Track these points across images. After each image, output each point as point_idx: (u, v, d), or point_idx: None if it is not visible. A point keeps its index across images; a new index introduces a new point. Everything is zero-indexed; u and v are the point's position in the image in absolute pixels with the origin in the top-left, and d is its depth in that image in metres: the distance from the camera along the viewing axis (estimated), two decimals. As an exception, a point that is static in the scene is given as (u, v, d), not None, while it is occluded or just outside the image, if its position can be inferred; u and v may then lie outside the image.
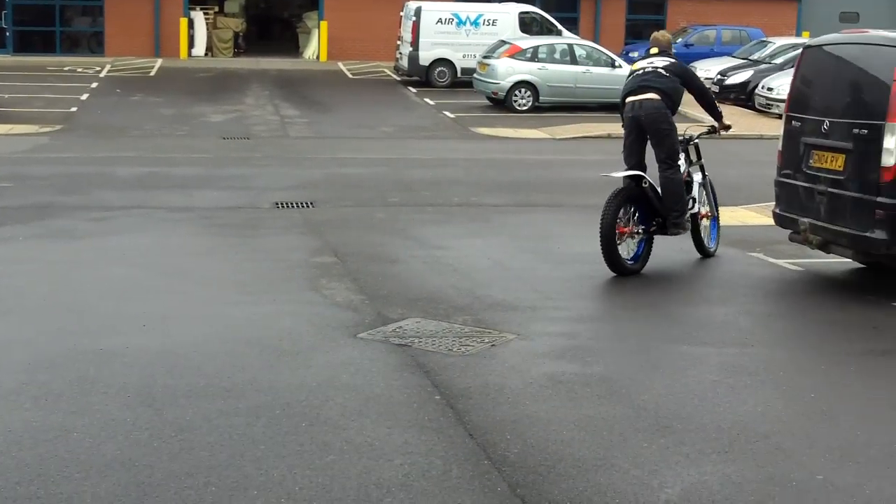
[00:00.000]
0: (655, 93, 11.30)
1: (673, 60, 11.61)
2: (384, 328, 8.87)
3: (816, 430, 6.86)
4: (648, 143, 11.50)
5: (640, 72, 11.50)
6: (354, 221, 13.76)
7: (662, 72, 11.43)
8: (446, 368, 7.84)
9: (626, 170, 11.34)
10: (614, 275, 10.90)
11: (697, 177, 12.00)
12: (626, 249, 11.11)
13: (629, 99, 11.40)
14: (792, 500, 5.84)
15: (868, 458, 6.42)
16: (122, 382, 7.35)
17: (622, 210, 11.01)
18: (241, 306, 9.57)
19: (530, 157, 20.50)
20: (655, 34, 12.05)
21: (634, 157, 11.41)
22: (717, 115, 12.08)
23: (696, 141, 12.12)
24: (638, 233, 11.25)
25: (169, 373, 7.57)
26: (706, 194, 12.23)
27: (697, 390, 7.53)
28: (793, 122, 11.21)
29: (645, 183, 11.27)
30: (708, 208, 12.19)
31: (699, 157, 12.12)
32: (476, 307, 9.64)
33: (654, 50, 11.71)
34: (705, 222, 12.15)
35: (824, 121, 10.68)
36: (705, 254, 12.05)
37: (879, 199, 9.97)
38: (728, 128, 12.34)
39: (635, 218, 11.20)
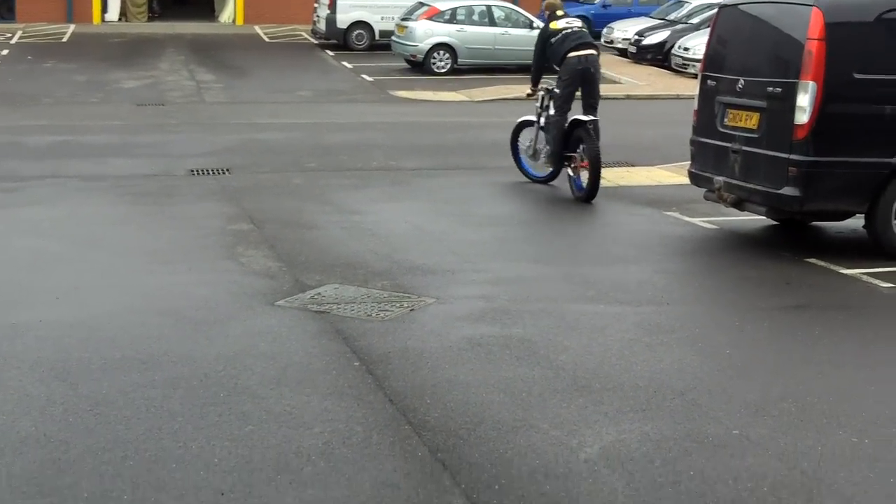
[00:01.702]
0: (593, 48, 13.18)
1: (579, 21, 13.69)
2: (302, 295, 8.81)
3: (732, 386, 6.95)
4: None
5: (570, 31, 13.09)
6: (271, 187, 13.65)
7: (584, 30, 13.14)
8: (365, 334, 7.82)
9: (565, 114, 13.15)
10: (531, 234, 11.05)
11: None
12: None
13: (574, 54, 12.95)
14: (708, 455, 5.90)
15: (781, 411, 6.52)
16: (35, 357, 7.23)
17: None
18: (156, 276, 9.45)
19: (449, 120, 20.47)
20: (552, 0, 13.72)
21: (570, 104, 13.18)
22: None
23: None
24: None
25: (83, 346, 7.45)
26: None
27: (615, 349, 7.59)
28: (708, 81, 11.29)
29: (591, 124, 12.88)
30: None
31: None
32: (395, 272, 9.62)
33: (561, 13, 13.40)
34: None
35: (739, 80, 10.77)
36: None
37: (792, 156, 10.08)
38: None
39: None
